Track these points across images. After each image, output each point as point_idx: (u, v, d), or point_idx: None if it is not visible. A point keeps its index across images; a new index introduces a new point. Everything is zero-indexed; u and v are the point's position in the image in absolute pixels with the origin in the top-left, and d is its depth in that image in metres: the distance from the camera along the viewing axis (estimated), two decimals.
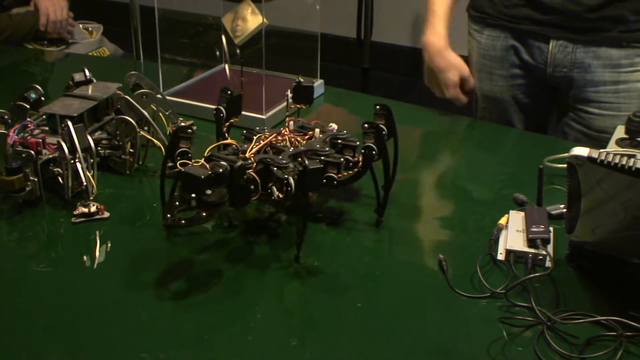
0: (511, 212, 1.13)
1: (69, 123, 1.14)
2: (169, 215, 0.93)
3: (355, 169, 1.10)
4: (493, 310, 0.96)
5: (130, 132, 1.25)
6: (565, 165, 0.94)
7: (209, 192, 0.92)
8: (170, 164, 1.12)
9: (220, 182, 0.94)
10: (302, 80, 1.27)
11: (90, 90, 1.33)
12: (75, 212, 1.15)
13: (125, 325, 0.93)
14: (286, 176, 0.99)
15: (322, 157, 1.07)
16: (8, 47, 2.25)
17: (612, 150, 1.18)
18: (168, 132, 1.13)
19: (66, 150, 1.14)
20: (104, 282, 1.02)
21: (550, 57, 1.58)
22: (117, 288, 0.99)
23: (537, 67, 1.62)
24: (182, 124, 1.39)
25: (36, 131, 1.21)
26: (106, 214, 1.15)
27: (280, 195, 1.00)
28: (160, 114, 1.34)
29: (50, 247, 1.13)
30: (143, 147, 1.29)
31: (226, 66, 1.72)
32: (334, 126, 1.18)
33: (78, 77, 1.35)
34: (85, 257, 1.08)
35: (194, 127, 1.07)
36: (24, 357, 0.88)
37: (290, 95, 1.27)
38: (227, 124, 1.18)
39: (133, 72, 1.36)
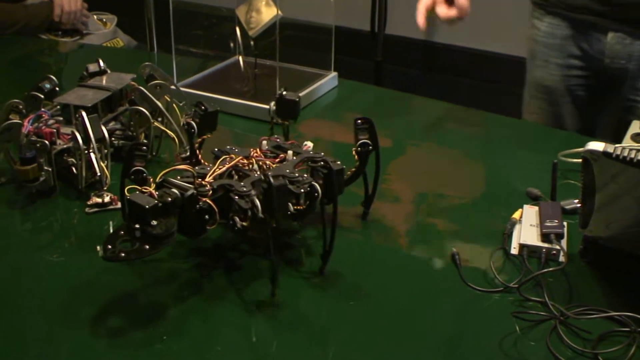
0: (525, 206, 1.13)
1: (83, 113, 1.15)
2: (109, 247, 0.85)
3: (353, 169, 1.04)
4: (506, 305, 0.95)
5: (144, 123, 1.25)
6: (580, 160, 0.94)
7: (154, 222, 0.85)
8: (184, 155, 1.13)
9: (169, 212, 0.86)
10: (284, 93, 1.17)
11: (104, 81, 1.33)
12: (89, 203, 1.15)
13: (138, 315, 0.93)
14: (251, 198, 0.90)
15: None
16: (23, 38, 2.25)
17: (627, 145, 1.17)
18: (182, 124, 1.13)
19: (80, 141, 1.14)
20: (117, 272, 1.02)
21: (608, 48, 1.55)
22: (131, 279, 1.00)
23: (595, 58, 1.58)
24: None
25: (50, 121, 1.21)
26: (119, 204, 1.15)
27: (244, 224, 0.92)
28: (174, 105, 1.35)
29: (64, 237, 1.13)
30: (157, 138, 1.29)
31: (240, 58, 1.72)
32: (309, 145, 1.09)
33: (92, 67, 1.36)
34: (98, 248, 1.09)
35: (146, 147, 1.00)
36: (35, 347, 0.88)
37: (273, 107, 1.17)
38: (200, 140, 1.12)
39: (147, 63, 1.36)
